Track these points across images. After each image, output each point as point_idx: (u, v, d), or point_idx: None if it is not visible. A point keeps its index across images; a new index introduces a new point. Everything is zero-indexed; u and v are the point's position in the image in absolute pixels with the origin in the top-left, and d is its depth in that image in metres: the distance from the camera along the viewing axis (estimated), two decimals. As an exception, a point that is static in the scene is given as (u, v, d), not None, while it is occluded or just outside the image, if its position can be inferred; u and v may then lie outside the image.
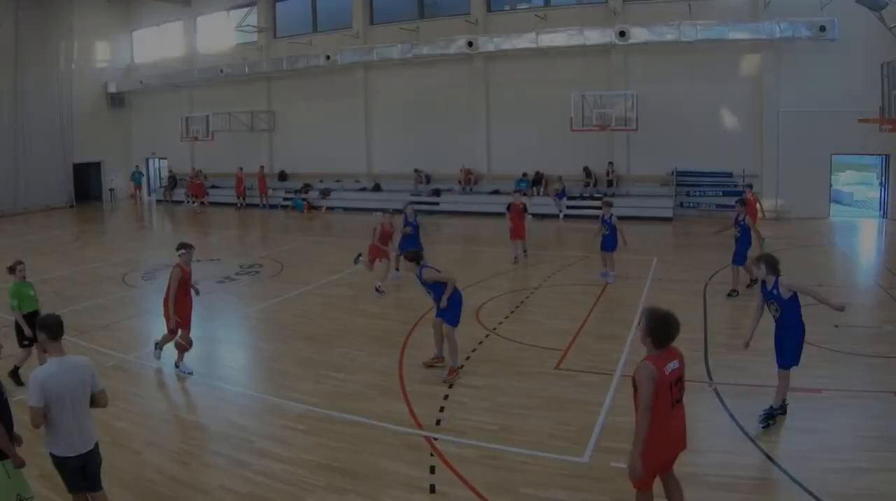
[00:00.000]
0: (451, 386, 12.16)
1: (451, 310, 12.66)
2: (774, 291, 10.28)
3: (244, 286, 21.31)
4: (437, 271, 12.88)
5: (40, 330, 7.39)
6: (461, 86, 38.24)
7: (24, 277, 13.06)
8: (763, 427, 10.00)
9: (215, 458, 9.90)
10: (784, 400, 10.41)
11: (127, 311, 18.58)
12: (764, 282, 10.54)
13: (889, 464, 9.00)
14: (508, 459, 9.57)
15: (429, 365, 13.25)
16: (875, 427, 10.18)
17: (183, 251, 13.15)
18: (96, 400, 7.35)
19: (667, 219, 32.34)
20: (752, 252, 18.09)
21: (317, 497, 8.77)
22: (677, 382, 7.03)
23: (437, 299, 12.74)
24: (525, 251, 23.58)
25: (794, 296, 10.22)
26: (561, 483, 8.92)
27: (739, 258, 18.43)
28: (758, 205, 23.31)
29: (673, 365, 6.97)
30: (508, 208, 23.74)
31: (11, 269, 12.96)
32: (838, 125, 29.55)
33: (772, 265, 10.43)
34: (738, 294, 18.28)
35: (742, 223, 18.49)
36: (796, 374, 10.75)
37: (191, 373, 13.14)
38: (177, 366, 13.23)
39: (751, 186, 24.94)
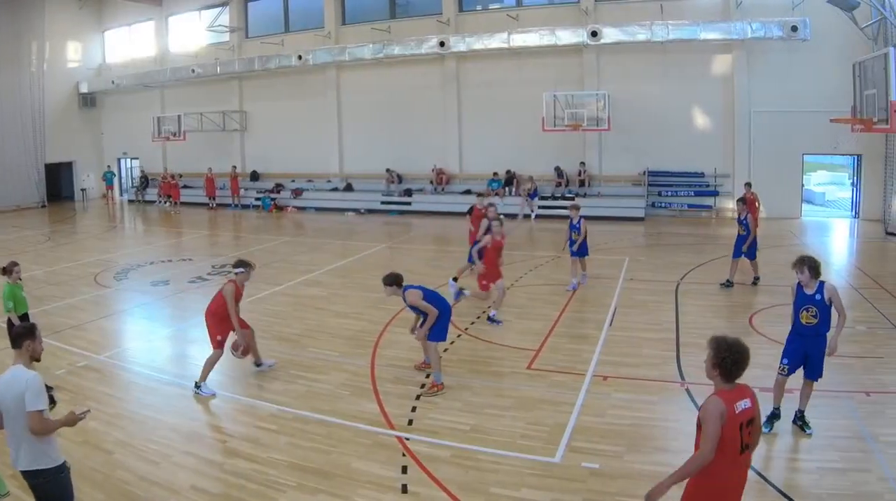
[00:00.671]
0: (418, 398, 11.65)
1: (435, 326, 12.02)
2: (818, 296, 9.77)
3: (216, 286, 19.68)
4: (422, 298, 11.98)
5: None
6: (433, 86, 37.58)
7: (20, 278, 12.81)
8: (811, 431, 9.76)
9: (187, 458, 9.65)
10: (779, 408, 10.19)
11: (99, 311, 18.11)
12: (800, 286, 9.95)
13: (860, 464, 8.89)
14: (480, 459, 9.41)
15: (419, 368, 12.92)
16: (847, 427, 10.01)
17: (242, 270, 12.54)
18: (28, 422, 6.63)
19: (638, 219, 31.80)
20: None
21: (288, 497, 8.62)
22: (749, 424, 6.13)
23: (424, 318, 12.17)
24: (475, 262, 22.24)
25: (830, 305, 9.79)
26: (533, 483, 8.75)
27: (738, 252, 18.92)
28: (757, 204, 23.18)
29: (744, 403, 6.11)
30: (470, 212, 21.45)
31: (7, 271, 12.58)
32: (810, 125, 29.27)
33: (815, 269, 9.83)
34: (732, 285, 18.71)
35: (744, 221, 18.81)
36: (769, 375, 10.56)
37: (214, 395, 12.14)
38: (197, 387, 12.09)
39: (749, 185, 24.12)
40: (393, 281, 12.04)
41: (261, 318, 16.50)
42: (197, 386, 12.02)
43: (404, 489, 8.68)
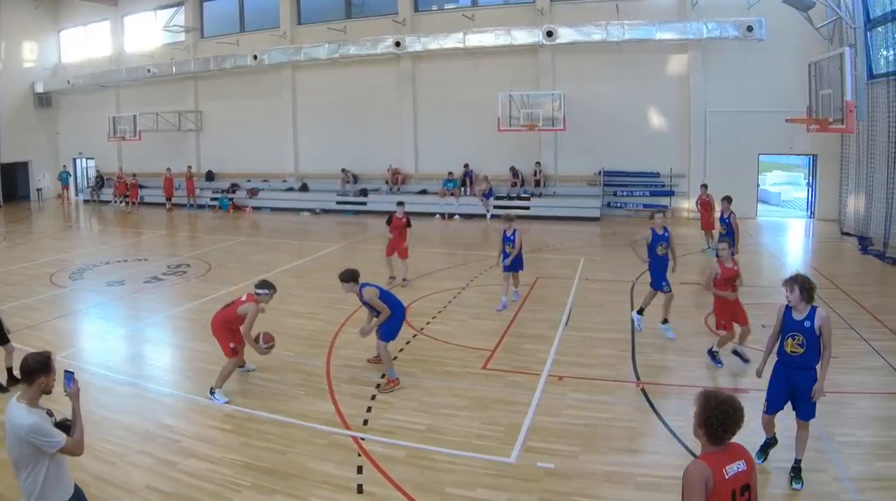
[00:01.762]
0: (374, 398, 11.32)
1: (386, 325, 11.79)
2: (808, 323, 8.38)
3: (172, 286, 20.14)
4: (378, 297, 11.63)
5: None
6: (389, 86, 36.15)
7: None
8: (799, 487, 8.29)
9: (142, 458, 9.35)
10: (773, 436, 9.01)
11: (54, 311, 17.38)
12: (788, 309, 8.58)
13: (814, 464, 8.62)
14: (435, 459, 9.24)
15: (371, 362, 12.73)
16: None
17: (266, 292, 11.58)
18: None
19: (594, 219, 30.96)
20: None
21: (243, 497, 8.41)
22: (743, 491, 5.10)
23: (376, 316, 11.85)
24: (405, 278, 19.39)
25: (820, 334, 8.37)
26: (488, 483, 8.61)
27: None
28: (712, 206, 22.82)
29: (737, 466, 5.09)
30: (388, 221, 19.48)
31: None
32: (766, 125, 28.50)
33: (808, 291, 8.42)
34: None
35: (727, 220, 18.34)
36: (722, 372, 11.44)
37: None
38: (211, 392, 11.36)
39: (705, 187, 23.67)
40: (350, 277, 11.76)
41: (217, 318, 16.31)
42: (211, 391, 11.31)
43: (360, 489, 8.48)
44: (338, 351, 13.73)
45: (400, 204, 19.96)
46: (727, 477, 5.00)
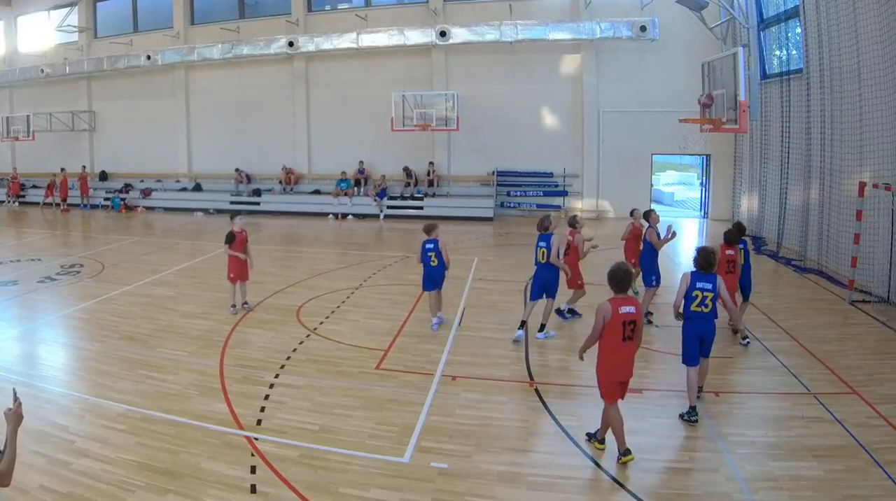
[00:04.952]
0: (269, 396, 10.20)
1: None
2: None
3: (65, 286, 18.05)
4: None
5: None
6: (282, 86, 31.73)
7: None
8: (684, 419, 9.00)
9: (35, 458, 8.18)
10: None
11: None
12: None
13: (708, 464, 8.05)
14: (329, 459, 8.33)
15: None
16: (695, 427, 9.04)
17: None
18: None
19: (487, 219, 27.48)
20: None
21: (137, 497, 7.43)
22: (629, 323, 7.62)
23: None
24: (246, 302, 14.90)
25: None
26: (382, 483, 7.77)
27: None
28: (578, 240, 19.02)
29: (628, 308, 7.65)
30: (230, 239, 14.45)
31: None
32: (659, 125, 25.58)
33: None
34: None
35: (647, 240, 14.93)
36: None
37: None
38: None
39: (575, 218, 20.18)
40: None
41: (109, 318, 14.72)
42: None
43: (253, 489, 7.60)
44: (231, 351, 12.38)
45: (237, 214, 15.09)
46: (620, 313, 7.63)
